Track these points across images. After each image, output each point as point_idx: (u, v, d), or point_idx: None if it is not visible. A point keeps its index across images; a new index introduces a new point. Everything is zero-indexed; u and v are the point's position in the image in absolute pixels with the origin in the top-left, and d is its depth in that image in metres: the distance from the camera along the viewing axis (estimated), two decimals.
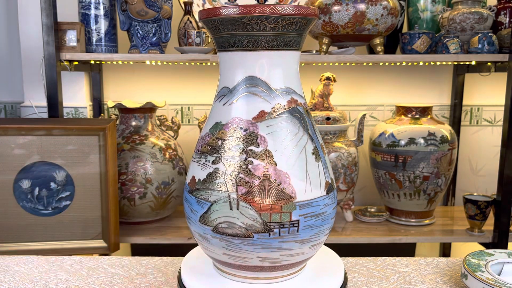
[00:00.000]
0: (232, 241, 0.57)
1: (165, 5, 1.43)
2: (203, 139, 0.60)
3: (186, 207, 0.61)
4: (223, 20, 0.55)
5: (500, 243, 1.43)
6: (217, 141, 0.58)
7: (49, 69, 1.36)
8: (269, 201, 0.56)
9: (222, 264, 0.61)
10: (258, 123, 0.57)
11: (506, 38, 1.46)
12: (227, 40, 0.57)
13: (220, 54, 0.60)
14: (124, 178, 1.41)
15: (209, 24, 0.57)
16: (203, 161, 0.59)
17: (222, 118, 0.58)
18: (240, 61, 0.58)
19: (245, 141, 0.57)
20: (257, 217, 0.56)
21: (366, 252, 1.71)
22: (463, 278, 0.67)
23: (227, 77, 0.59)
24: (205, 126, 0.62)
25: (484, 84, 1.78)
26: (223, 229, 0.57)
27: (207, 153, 0.59)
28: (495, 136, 1.80)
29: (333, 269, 0.67)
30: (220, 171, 0.57)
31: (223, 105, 0.59)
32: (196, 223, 0.59)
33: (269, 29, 0.55)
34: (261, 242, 0.56)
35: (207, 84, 1.76)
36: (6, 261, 0.80)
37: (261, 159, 0.56)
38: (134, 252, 1.79)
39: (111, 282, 0.73)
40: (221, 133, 0.58)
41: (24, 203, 1.27)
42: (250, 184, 0.56)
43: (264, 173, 0.56)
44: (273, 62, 0.58)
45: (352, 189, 1.50)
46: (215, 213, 0.57)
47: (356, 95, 1.78)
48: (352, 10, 1.34)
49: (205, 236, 0.59)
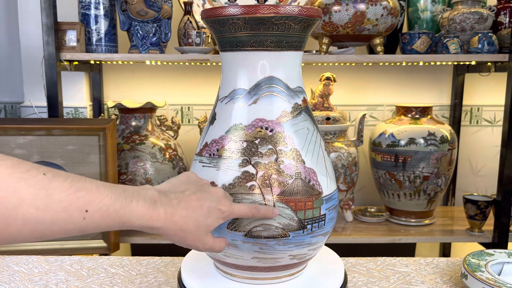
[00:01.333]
0: (266, 244, 0.56)
1: (165, 5, 1.43)
2: (217, 142, 0.58)
3: None
4: (249, 19, 0.54)
5: (500, 243, 1.43)
6: (240, 143, 0.56)
7: (49, 69, 1.36)
8: (303, 199, 0.57)
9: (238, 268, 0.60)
10: (283, 123, 0.58)
11: (506, 38, 1.46)
12: (246, 40, 0.56)
13: (231, 54, 0.58)
14: (124, 178, 1.41)
15: (227, 23, 0.55)
16: (225, 165, 0.56)
17: (242, 120, 0.57)
18: (260, 61, 0.57)
19: (274, 141, 0.57)
20: (293, 216, 0.56)
21: (366, 252, 1.71)
22: (463, 278, 0.67)
23: (242, 78, 0.58)
24: (214, 129, 0.59)
25: (484, 84, 1.78)
26: (258, 232, 0.55)
27: (229, 156, 0.56)
28: (495, 136, 1.80)
29: (333, 269, 0.67)
30: (250, 174, 0.56)
31: (240, 107, 0.57)
32: (223, 231, 0.56)
33: (293, 29, 0.56)
34: (295, 240, 0.57)
35: (207, 84, 1.76)
36: (6, 261, 0.80)
37: (291, 158, 0.57)
38: (134, 252, 1.79)
39: (111, 282, 0.73)
40: (245, 134, 0.57)
41: None
42: (284, 184, 0.56)
43: (295, 172, 0.57)
44: (290, 62, 0.59)
45: (352, 189, 1.50)
46: (248, 217, 0.55)
47: (356, 95, 1.78)
48: (352, 10, 1.34)
49: (233, 243, 0.56)
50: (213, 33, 0.59)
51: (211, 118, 0.61)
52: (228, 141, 0.57)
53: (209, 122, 0.61)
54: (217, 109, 0.60)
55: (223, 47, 0.59)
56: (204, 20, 0.58)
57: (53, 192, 0.41)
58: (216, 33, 0.58)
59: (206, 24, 0.58)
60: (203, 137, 0.61)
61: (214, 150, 0.58)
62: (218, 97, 0.61)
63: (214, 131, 0.59)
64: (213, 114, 0.61)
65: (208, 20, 0.57)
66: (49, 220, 0.41)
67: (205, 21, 0.58)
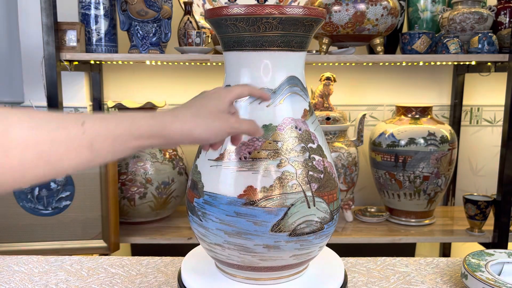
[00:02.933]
0: (307, 239, 0.57)
1: (165, 5, 1.43)
2: (247, 145, 0.56)
3: (244, 222, 0.55)
4: (285, 19, 0.54)
5: (500, 243, 1.43)
6: (275, 144, 0.56)
7: (49, 69, 1.36)
8: (332, 192, 0.59)
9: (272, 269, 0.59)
10: (307, 121, 0.59)
11: (506, 38, 1.46)
12: (272, 39, 0.55)
13: (253, 53, 0.57)
14: (124, 178, 1.41)
15: (256, 23, 0.54)
16: (262, 167, 0.55)
17: (271, 120, 0.57)
18: (284, 61, 0.57)
19: (304, 139, 0.58)
20: (327, 209, 0.59)
21: (366, 252, 1.71)
22: (463, 278, 0.67)
23: (266, 78, 0.57)
24: None
25: (484, 84, 1.78)
26: (302, 229, 0.56)
27: (265, 158, 0.55)
28: (495, 136, 1.80)
29: (333, 269, 0.67)
30: (291, 173, 0.56)
31: (266, 107, 0.57)
32: (266, 235, 0.55)
33: (312, 31, 0.58)
34: (327, 232, 0.59)
35: (207, 84, 1.76)
36: (6, 261, 0.80)
37: (318, 154, 0.59)
38: (134, 252, 1.79)
39: (111, 282, 0.73)
40: (277, 134, 0.57)
41: (24, 203, 1.27)
42: (319, 179, 0.58)
43: (324, 167, 0.59)
44: (303, 61, 0.60)
45: (352, 189, 1.50)
46: (293, 216, 0.55)
47: (356, 95, 1.78)
48: (352, 10, 1.34)
49: (275, 245, 0.56)
50: (231, 32, 0.57)
51: None
52: (261, 142, 0.56)
53: None
54: (239, 110, 0.58)
55: (241, 46, 0.57)
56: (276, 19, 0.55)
57: (44, 115, 0.41)
58: (238, 32, 0.56)
59: (238, 23, 0.55)
60: (224, 140, 0.58)
61: (246, 153, 0.56)
62: None
63: None
64: None
65: (248, 18, 0.54)
66: (49, 140, 0.40)
67: (243, 20, 0.55)
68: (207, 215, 0.57)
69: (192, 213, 0.61)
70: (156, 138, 0.46)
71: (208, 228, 0.58)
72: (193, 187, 0.60)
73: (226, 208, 0.55)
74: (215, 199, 0.56)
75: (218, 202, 0.56)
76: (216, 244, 0.58)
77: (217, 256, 0.61)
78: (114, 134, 0.43)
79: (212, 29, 0.61)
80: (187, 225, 1.51)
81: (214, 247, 0.59)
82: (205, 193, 0.57)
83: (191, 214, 0.61)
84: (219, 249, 0.59)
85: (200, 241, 0.62)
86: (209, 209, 0.57)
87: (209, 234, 0.58)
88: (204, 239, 0.60)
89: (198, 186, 0.59)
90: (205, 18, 0.59)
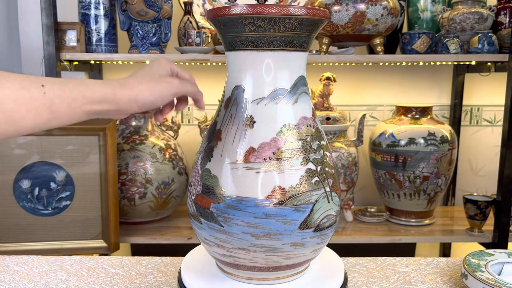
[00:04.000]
0: (326, 233, 0.59)
1: (165, 5, 1.43)
2: (270, 145, 0.56)
3: (273, 223, 0.55)
4: (306, 20, 0.55)
5: (500, 243, 1.43)
6: (296, 142, 0.57)
7: (49, 69, 1.36)
8: (339, 185, 0.63)
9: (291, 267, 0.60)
10: (316, 119, 0.61)
11: (506, 38, 1.46)
12: (290, 40, 0.56)
13: (268, 53, 0.56)
14: (124, 178, 1.41)
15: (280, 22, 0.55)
16: (287, 166, 0.55)
17: (290, 120, 0.57)
18: (297, 61, 0.58)
19: (318, 137, 0.59)
20: (339, 202, 0.62)
21: (366, 252, 1.71)
22: (463, 278, 0.67)
23: (282, 78, 0.57)
24: (257, 132, 0.56)
25: (484, 84, 1.78)
26: (323, 224, 0.58)
27: (289, 157, 0.56)
28: (495, 136, 1.80)
29: (333, 269, 0.67)
30: (312, 170, 0.57)
31: (284, 106, 0.57)
32: (294, 233, 0.56)
33: (315, 31, 0.59)
34: (336, 223, 0.62)
35: (207, 84, 1.76)
36: (6, 261, 0.80)
37: (328, 151, 0.61)
38: (134, 252, 1.79)
39: (111, 282, 0.73)
40: (297, 134, 0.57)
41: (24, 203, 1.27)
42: (332, 174, 0.60)
43: (333, 162, 0.62)
44: (306, 61, 0.62)
45: (352, 189, 1.50)
46: (317, 212, 0.57)
47: (356, 95, 1.78)
48: (352, 10, 1.34)
49: (302, 242, 0.56)
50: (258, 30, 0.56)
51: (247, 122, 0.57)
52: (284, 142, 0.56)
53: (245, 126, 0.57)
54: (253, 111, 0.57)
55: (258, 46, 0.56)
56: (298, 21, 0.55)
57: (8, 75, 0.43)
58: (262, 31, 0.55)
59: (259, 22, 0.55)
60: (240, 143, 0.57)
61: (270, 154, 0.56)
62: (246, 99, 0.58)
63: (258, 134, 0.56)
64: (246, 117, 0.57)
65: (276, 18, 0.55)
66: (12, 100, 0.42)
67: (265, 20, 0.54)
68: (231, 220, 0.56)
69: (207, 220, 0.58)
70: (107, 103, 0.49)
71: (232, 233, 0.56)
72: (207, 192, 0.58)
73: (254, 210, 0.55)
74: (240, 203, 0.55)
75: (245, 205, 0.55)
76: (240, 248, 0.57)
77: (236, 261, 0.59)
78: (70, 97, 0.47)
79: (216, 30, 0.60)
80: (187, 225, 1.51)
81: (237, 252, 0.57)
82: (227, 197, 0.56)
83: (205, 221, 0.58)
84: (242, 253, 0.57)
85: (214, 248, 0.59)
86: (233, 213, 0.55)
87: (232, 239, 0.56)
88: (224, 245, 0.58)
89: (215, 191, 0.57)
90: (210, 18, 0.59)
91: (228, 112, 0.59)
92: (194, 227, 0.62)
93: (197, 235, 0.62)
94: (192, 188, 0.61)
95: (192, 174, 0.63)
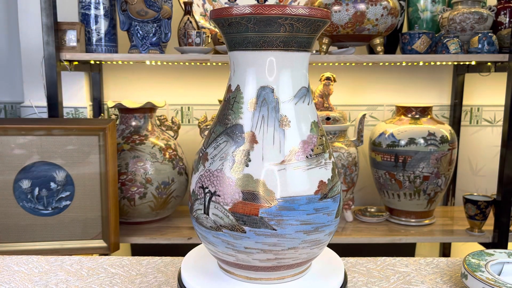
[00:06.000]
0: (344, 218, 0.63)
1: (165, 5, 1.43)
2: (308, 143, 0.58)
3: (321, 216, 0.57)
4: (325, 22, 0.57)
5: (500, 243, 1.43)
6: (322, 139, 0.60)
7: (49, 69, 1.36)
8: None
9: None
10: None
11: (506, 38, 1.46)
12: (310, 40, 0.59)
13: (296, 54, 0.58)
14: (124, 178, 1.41)
15: (316, 25, 0.57)
16: (322, 162, 0.59)
17: (314, 117, 0.61)
18: (306, 62, 0.61)
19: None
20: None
21: (366, 252, 1.71)
22: (463, 278, 0.67)
23: (305, 77, 0.60)
24: (294, 131, 0.57)
25: (484, 84, 1.78)
26: (341, 210, 0.64)
27: (322, 152, 0.59)
28: (495, 136, 1.80)
29: (333, 269, 0.67)
30: (334, 162, 0.62)
31: (308, 105, 0.60)
32: (333, 223, 0.60)
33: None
34: None
35: (207, 84, 1.76)
36: (6, 261, 0.80)
37: None
38: (134, 252, 1.79)
39: (111, 282, 0.73)
40: (320, 129, 0.61)
41: (24, 203, 1.27)
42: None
43: None
44: None
45: (352, 189, 1.50)
46: (341, 200, 0.62)
47: (356, 95, 1.78)
48: (352, 10, 1.34)
49: (335, 231, 0.63)
50: (292, 31, 0.57)
51: (283, 122, 0.57)
52: (316, 138, 0.59)
53: (282, 126, 0.57)
54: (286, 111, 0.58)
55: (288, 46, 0.57)
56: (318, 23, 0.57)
57: None
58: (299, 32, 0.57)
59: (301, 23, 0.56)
60: (281, 143, 0.57)
61: (309, 151, 0.58)
62: (277, 99, 0.58)
63: (296, 133, 0.57)
64: (281, 117, 0.58)
65: (312, 20, 0.56)
66: None
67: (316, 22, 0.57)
68: (284, 221, 0.55)
69: (255, 227, 0.56)
70: None
71: (285, 235, 0.56)
72: (252, 198, 0.56)
73: (306, 207, 0.56)
74: (294, 202, 0.55)
75: (298, 204, 0.56)
76: (290, 248, 0.57)
77: (281, 262, 0.58)
78: None
79: (220, 31, 0.60)
80: (187, 225, 1.51)
81: (286, 253, 0.57)
82: (278, 200, 0.55)
83: (252, 228, 0.56)
84: (291, 253, 0.57)
85: (256, 255, 0.58)
86: (286, 214, 0.55)
87: (285, 241, 0.56)
88: (273, 249, 0.57)
89: (264, 196, 0.56)
90: (213, 18, 0.58)
91: (257, 114, 0.57)
92: (226, 239, 0.58)
93: (227, 247, 0.58)
94: (220, 199, 0.57)
95: (210, 184, 0.58)
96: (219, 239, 0.58)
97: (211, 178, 0.58)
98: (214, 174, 0.58)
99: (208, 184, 0.58)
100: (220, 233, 0.58)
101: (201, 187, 0.59)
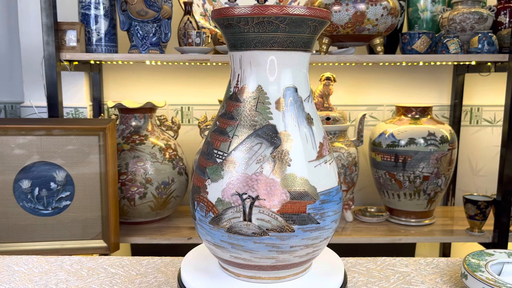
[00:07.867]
0: None
1: (165, 5, 1.43)
2: (325, 138, 0.63)
3: (341, 205, 0.62)
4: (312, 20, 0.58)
5: (500, 243, 1.43)
6: (326, 133, 0.67)
7: (49, 69, 1.36)
8: None
9: None
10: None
11: (506, 38, 1.46)
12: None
13: (305, 54, 0.60)
14: (124, 178, 1.41)
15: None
16: (336, 154, 0.65)
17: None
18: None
19: None
20: None
21: (366, 252, 1.71)
22: (463, 278, 0.67)
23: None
24: (316, 128, 0.60)
25: (484, 84, 1.78)
26: None
27: (332, 146, 0.64)
28: (495, 136, 1.80)
29: (333, 269, 0.67)
30: None
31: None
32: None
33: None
34: None
35: (207, 84, 1.76)
36: (6, 261, 0.80)
37: None
38: (134, 252, 1.79)
39: (111, 282, 0.73)
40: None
41: (24, 203, 1.27)
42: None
43: None
44: None
45: (352, 189, 1.50)
46: None
47: (356, 95, 1.78)
48: (352, 10, 1.34)
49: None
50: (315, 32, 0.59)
51: (308, 120, 0.59)
52: (327, 134, 0.63)
53: (309, 124, 0.59)
54: (308, 109, 0.60)
55: (308, 47, 0.60)
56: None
57: None
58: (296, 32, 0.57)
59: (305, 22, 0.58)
60: (312, 141, 0.59)
61: (329, 146, 0.63)
62: (300, 98, 0.59)
63: (318, 130, 0.61)
64: (305, 116, 0.59)
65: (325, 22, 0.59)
66: None
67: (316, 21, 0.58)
68: (325, 214, 0.58)
69: (303, 224, 0.56)
70: None
71: (325, 227, 0.59)
72: (299, 197, 0.56)
73: (336, 198, 0.60)
74: (329, 195, 0.59)
75: (332, 196, 0.59)
76: (326, 238, 0.61)
77: (308, 256, 0.60)
78: None
79: (222, 32, 0.60)
80: (187, 225, 1.52)
81: (320, 244, 0.60)
82: (320, 194, 0.58)
83: (300, 226, 0.56)
84: (324, 244, 0.61)
85: (298, 252, 0.58)
86: (326, 207, 0.59)
87: (324, 232, 0.59)
88: (314, 243, 0.58)
89: (310, 192, 0.57)
90: (214, 17, 0.58)
91: (287, 113, 0.58)
92: (271, 242, 0.56)
93: (270, 250, 0.57)
94: (266, 202, 0.56)
95: (250, 189, 0.56)
96: (262, 244, 0.56)
97: (249, 183, 0.56)
98: (252, 178, 0.56)
99: (246, 190, 0.56)
100: (266, 237, 0.56)
101: (235, 194, 0.56)
